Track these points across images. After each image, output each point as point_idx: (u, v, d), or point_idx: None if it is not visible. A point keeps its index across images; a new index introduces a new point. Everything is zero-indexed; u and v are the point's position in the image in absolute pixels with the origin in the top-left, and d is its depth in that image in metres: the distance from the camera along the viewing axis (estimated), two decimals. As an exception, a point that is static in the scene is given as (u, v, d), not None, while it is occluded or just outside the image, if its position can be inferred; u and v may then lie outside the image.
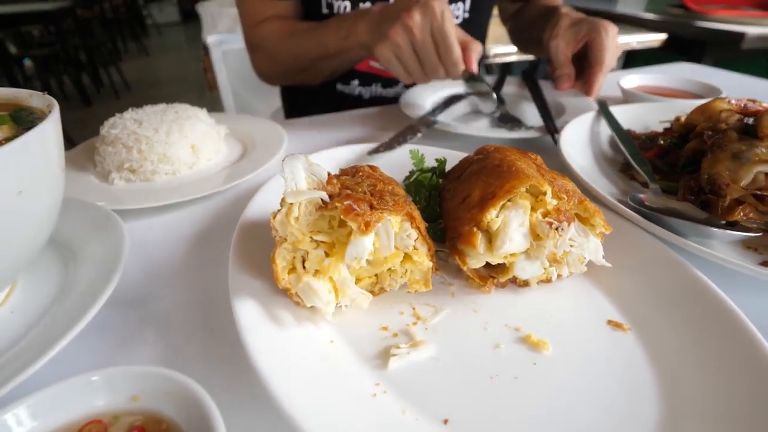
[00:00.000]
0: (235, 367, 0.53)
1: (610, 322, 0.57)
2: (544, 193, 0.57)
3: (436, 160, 0.74)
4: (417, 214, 0.58)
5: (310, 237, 0.55)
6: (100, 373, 0.40)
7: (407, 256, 0.59)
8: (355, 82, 1.51)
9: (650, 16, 3.20)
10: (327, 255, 0.56)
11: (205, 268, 0.72)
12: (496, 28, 1.84)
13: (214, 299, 0.65)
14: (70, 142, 0.84)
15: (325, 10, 1.33)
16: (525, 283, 0.62)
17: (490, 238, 0.57)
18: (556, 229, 0.55)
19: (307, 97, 1.67)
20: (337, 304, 0.57)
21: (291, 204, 0.53)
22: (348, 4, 1.32)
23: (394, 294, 0.61)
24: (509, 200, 0.57)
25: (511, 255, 0.58)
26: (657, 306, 0.57)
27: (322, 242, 0.56)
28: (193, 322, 0.61)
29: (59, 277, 0.63)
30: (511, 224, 0.56)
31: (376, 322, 0.57)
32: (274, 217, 0.54)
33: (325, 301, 0.54)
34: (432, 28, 0.98)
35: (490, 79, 1.45)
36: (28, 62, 6.39)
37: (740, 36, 2.57)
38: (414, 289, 0.59)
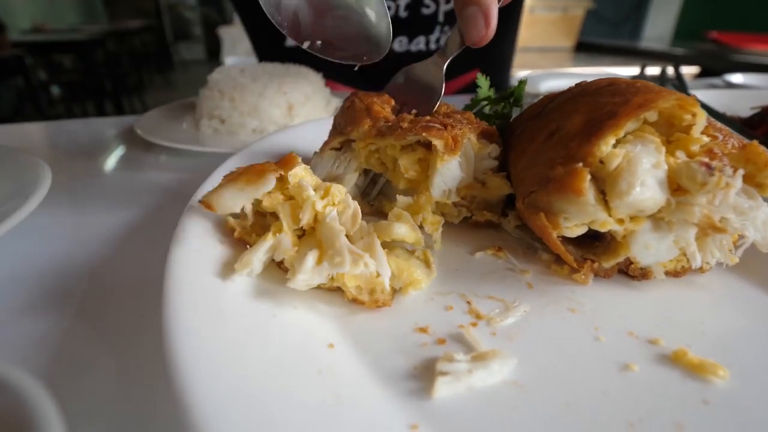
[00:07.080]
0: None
1: (808, 338, 0.33)
2: (688, 128, 0.35)
3: (509, 91, 0.53)
4: (494, 128, 0.45)
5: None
6: None
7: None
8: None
9: (679, 51, 3.09)
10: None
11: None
12: (522, 55, 1.66)
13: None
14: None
15: None
16: (643, 273, 0.39)
17: (600, 187, 0.35)
18: (721, 171, 0.33)
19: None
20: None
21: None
22: None
23: (435, 279, 0.39)
24: (630, 133, 0.36)
25: (633, 219, 0.36)
26: None
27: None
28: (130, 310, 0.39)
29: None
30: (639, 162, 0.34)
31: (409, 319, 0.34)
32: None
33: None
34: None
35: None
36: (55, 90, 6.50)
37: (782, 67, 2.44)
38: (483, 218, 0.45)
